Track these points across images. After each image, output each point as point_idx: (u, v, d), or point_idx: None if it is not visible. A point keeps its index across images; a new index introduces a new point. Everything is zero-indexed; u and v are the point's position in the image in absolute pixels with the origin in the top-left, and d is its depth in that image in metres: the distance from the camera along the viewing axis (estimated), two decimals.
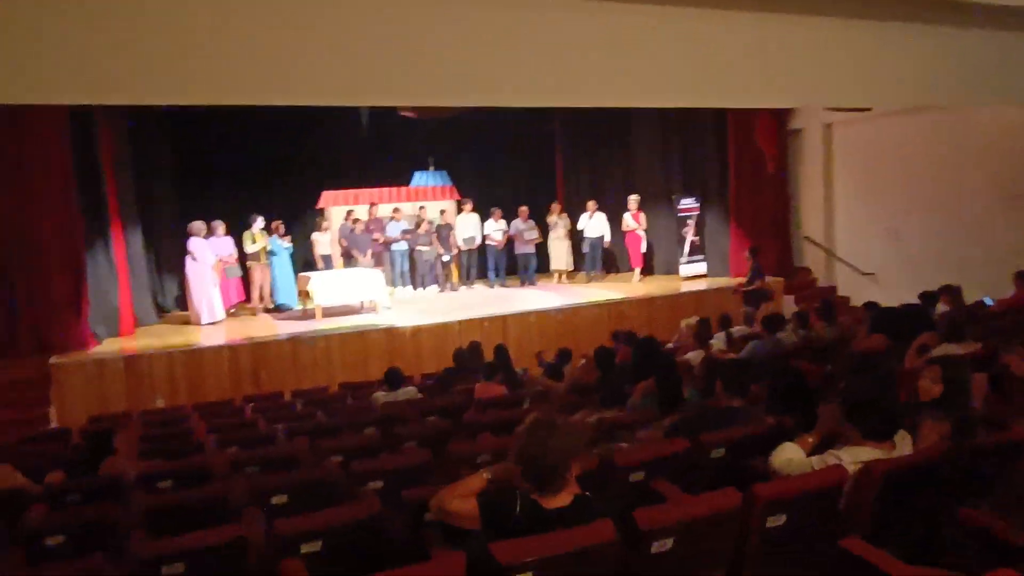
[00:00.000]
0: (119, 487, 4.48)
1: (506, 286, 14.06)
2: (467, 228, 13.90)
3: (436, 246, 13.56)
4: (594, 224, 13.95)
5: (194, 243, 11.27)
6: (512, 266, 14.31)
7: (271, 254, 12.29)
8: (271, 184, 13.90)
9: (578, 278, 14.47)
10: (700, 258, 13.80)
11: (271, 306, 12.48)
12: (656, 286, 13.22)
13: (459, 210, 14.24)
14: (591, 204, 14.04)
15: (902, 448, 3.19)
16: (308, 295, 11.57)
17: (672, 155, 14.35)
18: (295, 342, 10.25)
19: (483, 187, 15.15)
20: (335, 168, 14.33)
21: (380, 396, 7.20)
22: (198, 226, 11.39)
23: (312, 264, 13.02)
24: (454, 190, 15.03)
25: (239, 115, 10.11)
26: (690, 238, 13.71)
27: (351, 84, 4.94)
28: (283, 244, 12.40)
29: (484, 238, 13.97)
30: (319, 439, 5.55)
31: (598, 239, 14.01)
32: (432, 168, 15.24)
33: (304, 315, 11.74)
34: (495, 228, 13.91)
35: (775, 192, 13.22)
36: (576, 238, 14.29)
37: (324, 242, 13.09)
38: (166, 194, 12.98)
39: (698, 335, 8.05)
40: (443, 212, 14.12)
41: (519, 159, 16.00)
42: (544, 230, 14.25)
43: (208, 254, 11.37)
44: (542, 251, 14.34)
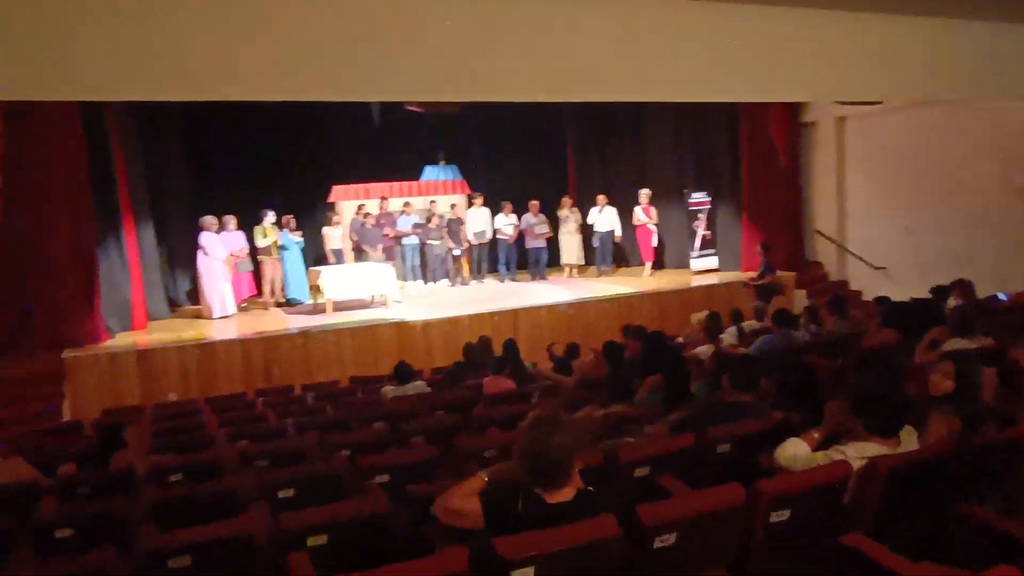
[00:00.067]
0: (129, 480, 4.51)
1: (516, 280, 14.06)
2: (478, 222, 13.91)
3: (447, 240, 13.58)
4: (604, 218, 13.92)
5: (205, 238, 11.31)
6: (523, 260, 14.31)
7: (282, 248, 12.32)
8: (282, 179, 13.92)
9: (588, 272, 14.46)
10: (711, 252, 13.76)
11: (282, 300, 12.53)
12: (667, 280, 13.20)
13: (470, 204, 14.25)
14: (601, 198, 14.02)
15: (908, 444, 3.18)
16: (319, 289, 11.58)
17: (683, 149, 14.31)
18: (306, 336, 10.29)
19: (494, 181, 15.17)
20: (346, 163, 14.35)
21: (389, 390, 7.21)
22: (209, 221, 11.43)
23: (323, 258, 13.05)
24: (465, 184, 15.02)
25: (250, 110, 10.17)
26: (701, 232, 13.67)
27: (360, 80, 4.94)
28: (294, 238, 12.44)
29: (495, 232, 13.98)
30: (328, 433, 5.59)
31: (608, 233, 13.98)
32: (443, 162, 15.23)
33: (315, 309, 11.78)
34: (506, 222, 13.91)
35: (787, 186, 13.14)
36: (587, 232, 14.28)
37: (335, 236, 13.11)
38: (177, 189, 13.03)
39: (708, 329, 8.04)
40: (454, 206, 14.12)
41: (530, 153, 15.96)
42: (555, 224, 14.24)
43: (219, 249, 11.41)
44: (553, 245, 14.34)
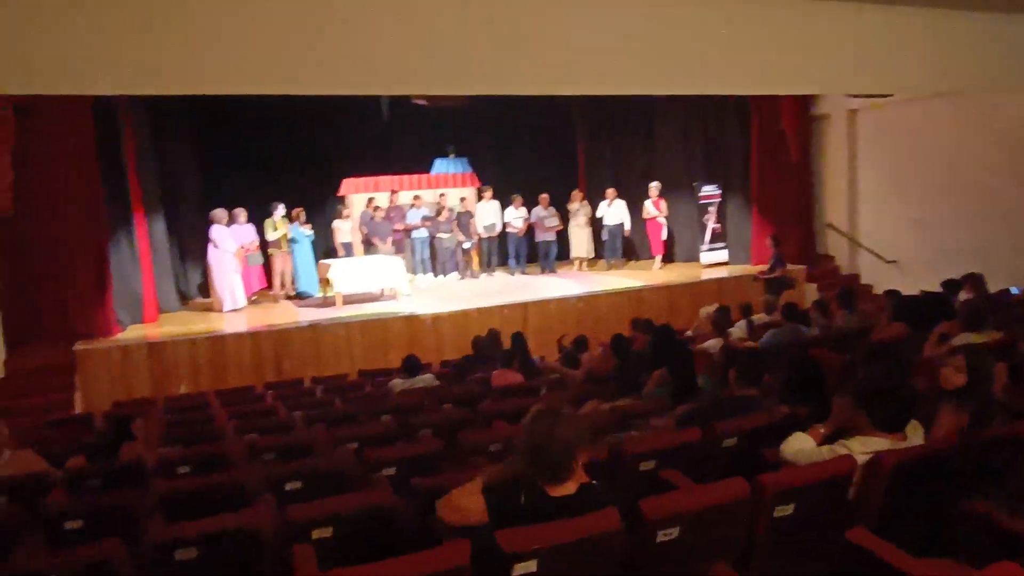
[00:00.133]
0: (138, 472, 4.53)
1: (526, 273, 14.05)
2: (487, 215, 13.90)
3: (456, 233, 13.58)
4: (613, 211, 13.89)
5: (216, 231, 11.36)
6: (532, 253, 14.30)
7: (292, 242, 12.36)
8: (292, 172, 13.96)
9: (598, 265, 14.44)
10: (721, 246, 13.71)
11: (292, 293, 12.58)
12: (677, 274, 13.16)
13: (479, 197, 14.25)
14: (610, 191, 13.99)
15: (913, 439, 3.17)
16: (329, 283, 11.61)
17: (694, 142, 14.26)
18: (316, 329, 10.32)
19: (503, 174, 15.14)
20: (356, 156, 14.36)
21: (397, 384, 7.23)
22: (220, 214, 11.48)
23: (333, 252, 13.08)
24: (474, 177, 15.02)
25: (261, 104, 10.13)
26: (711, 225, 13.62)
27: (369, 74, 4.96)
28: (304, 231, 12.48)
29: (504, 225, 13.98)
30: (336, 427, 5.61)
31: (617, 226, 13.95)
32: (452, 155, 15.24)
33: (325, 302, 11.80)
34: (515, 215, 13.91)
35: (798, 179, 13.06)
36: (596, 226, 14.25)
37: (345, 230, 13.14)
38: (188, 182, 13.09)
39: (716, 323, 8.02)
40: (463, 199, 14.12)
41: (540, 146, 15.93)
42: (565, 217, 14.23)
43: (230, 242, 11.46)
44: (562, 238, 14.33)
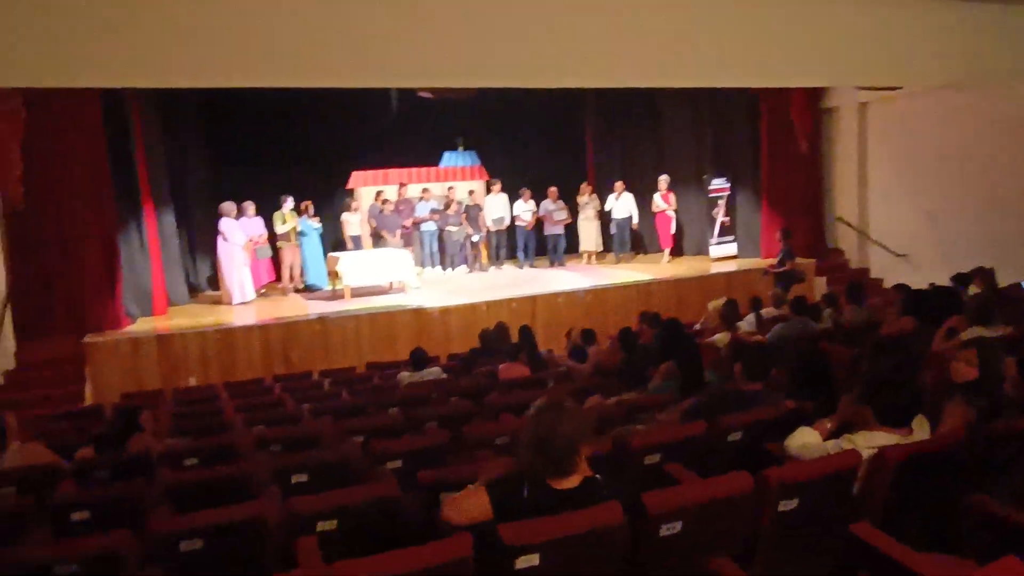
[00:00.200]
0: (145, 464, 4.56)
1: (535, 267, 14.06)
2: (496, 208, 13.91)
3: (465, 226, 13.59)
4: (621, 205, 13.86)
5: (225, 224, 11.38)
6: (541, 247, 14.29)
7: (301, 234, 12.39)
8: (301, 165, 13.95)
9: (607, 259, 14.42)
10: (730, 239, 13.68)
11: (301, 286, 12.62)
12: (686, 267, 13.14)
13: (488, 190, 14.25)
14: (618, 185, 13.96)
15: (919, 434, 3.15)
16: (337, 275, 11.63)
17: (703, 135, 14.19)
18: (324, 322, 10.35)
19: (512, 167, 15.11)
20: (365, 149, 14.34)
21: (405, 376, 7.24)
22: (229, 207, 11.50)
23: (342, 244, 13.12)
24: (483, 170, 15.02)
25: (269, 98, 10.18)
26: (720, 219, 13.58)
27: (377, 65, 4.95)
28: (313, 224, 12.50)
29: (513, 218, 13.97)
30: (343, 419, 5.62)
31: (625, 220, 13.92)
32: (461, 148, 15.23)
33: (333, 295, 11.83)
34: (524, 208, 13.90)
35: (808, 172, 13.00)
36: (605, 219, 14.23)
37: (354, 222, 13.16)
38: (197, 175, 13.15)
39: (725, 317, 7.99)
40: (472, 192, 14.12)
41: (549, 139, 15.89)
42: (574, 210, 14.21)
43: (239, 234, 11.48)
44: (571, 232, 14.31)
